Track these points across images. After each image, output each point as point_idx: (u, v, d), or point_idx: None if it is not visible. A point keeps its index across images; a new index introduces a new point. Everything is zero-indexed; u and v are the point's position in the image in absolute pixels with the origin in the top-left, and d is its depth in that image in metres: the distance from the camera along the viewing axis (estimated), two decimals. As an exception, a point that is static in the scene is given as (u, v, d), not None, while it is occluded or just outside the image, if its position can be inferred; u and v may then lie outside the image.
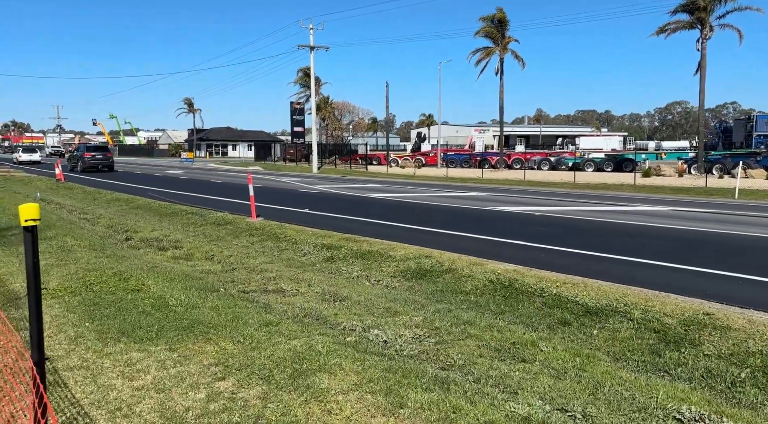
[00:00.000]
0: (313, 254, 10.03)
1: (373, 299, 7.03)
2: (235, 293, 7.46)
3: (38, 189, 26.36)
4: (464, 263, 8.11)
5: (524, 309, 6.29)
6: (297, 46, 45.66)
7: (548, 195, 21.98)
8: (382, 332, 5.61)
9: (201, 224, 14.23)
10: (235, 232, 12.95)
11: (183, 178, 32.67)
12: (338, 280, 8.26)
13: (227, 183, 28.76)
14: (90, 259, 9.35)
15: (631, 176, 30.72)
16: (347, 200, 19.34)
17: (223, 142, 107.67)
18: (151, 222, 15.22)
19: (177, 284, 7.51)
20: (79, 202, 20.97)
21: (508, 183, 29.62)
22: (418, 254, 8.91)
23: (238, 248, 11.22)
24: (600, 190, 25.41)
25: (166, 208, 17.41)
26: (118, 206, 18.82)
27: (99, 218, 16.36)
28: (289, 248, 10.79)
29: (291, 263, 9.51)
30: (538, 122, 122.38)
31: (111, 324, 5.67)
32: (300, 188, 24.71)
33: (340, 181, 30.91)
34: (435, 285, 7.52)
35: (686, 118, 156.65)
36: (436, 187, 26.87)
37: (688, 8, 28.97)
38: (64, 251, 9.98)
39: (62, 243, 10.80)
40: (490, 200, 19.12)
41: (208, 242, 12.02)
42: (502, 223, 13.80)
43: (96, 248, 10.52)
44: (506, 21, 39.37)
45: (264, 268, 9.09)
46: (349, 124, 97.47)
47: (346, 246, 10.06)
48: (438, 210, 16.63)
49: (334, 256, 9.67)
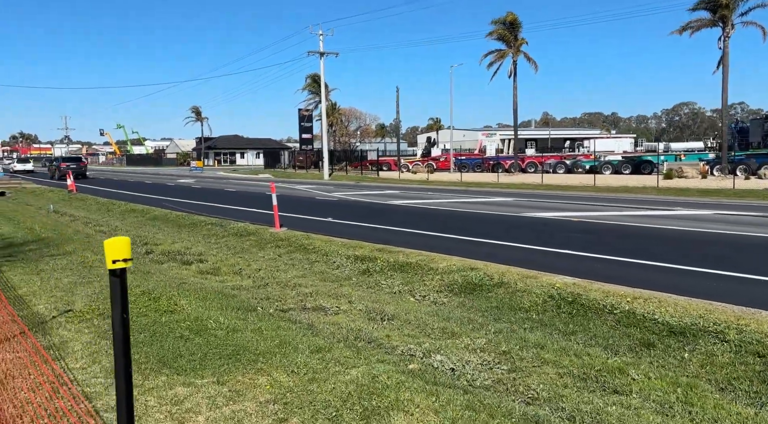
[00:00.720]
0: (346, 267, 9.51)
1: (424, 317, 6.50)
2: (273, 311, 6.95)
3: (50, 201, 26.00)
4: (515, 275, 7.57)
5: (596, 328, 5.74)
6: (307, 53, 45.47)
7: (575, 199, 21.40)
8: (446, 358, 5.08)
9: (222, 235, 13.75)
10: (260, 243, 12.45)
11: (196, 188, 32.28)
12: (380, 295, 7.74)
13: (242, 192, 28.33)
14: None
15: (652, 179, 30.08)
16: (369, 208, 18.82)
17: (231, 150, 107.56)
18: (170, 234, 14.76)
19: (211, 303, 7.01)
20: (94, 213, 20.56)
21: (527, 187, 29.05)
22: (461, 266, 8.38)
23: (266, 260, 10.72)
24: (623, 193, 24.80)
25: (183, 218, 16.95)
26: (134, 218, 18.39)
27: (116, 230, 15.91)
28: (320, 260, 10.27)
29: (325, 277, 9.00)
30: (547, 125, 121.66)
31: (149, 352, 5.16)
32: (317, 196, 24.22)
33: (355, 188, 30.41)
34: (488, 301, 6.98)
35: (693, 120, 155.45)
36: (455, 192, 26.33)
37: (710, 5, 28.36)
38: (86, 268, 9.51)
39: (83, 258, 10.33)
40: (519, 206, 18.52)
41: (233, 254, 11.53)
42: (541, 230, 13.20)
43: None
44: (518, 23, 38.90)
45: (297, 283, 8.58)
46: (357, 131, 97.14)
47: (381, 258, 9.53)
48: (467, 217, 16.06)
49: (369, 268, 9.14)
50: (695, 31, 29.79)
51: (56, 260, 10.24)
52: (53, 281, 8.47)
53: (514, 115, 41.19)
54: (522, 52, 39.28)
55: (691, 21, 29.96)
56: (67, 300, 7.25)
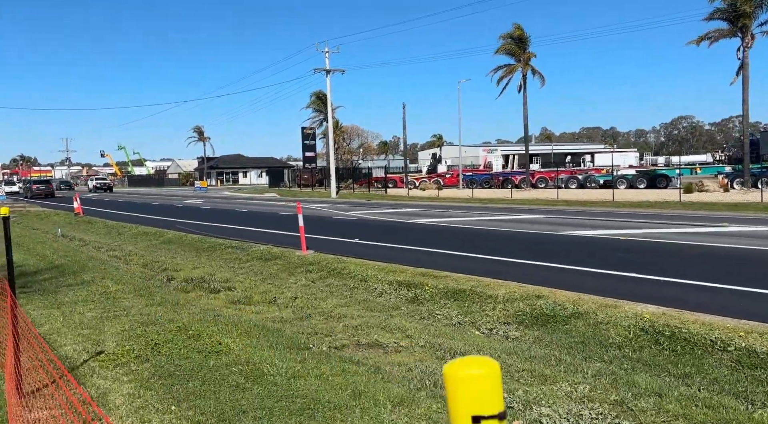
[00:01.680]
0: (391, 294, 8.78)
1: (501, 355, 5.76)
2: (326, 349, 6.22)
3: (57, 224, 25.28)
4: (591, 304, 6.85)
5: (714, 370, 5.01)
6: (313, 70, 44.93)
7: (604, 215, 20.66)
8: (552, 411, 4.34)
9: (246, 260, 13.03)
10: (288, 267, 11.73)
11: (205, 208, 31.60)
12: (439, 328, 7.00)
13: (254, 212, 27.63)
14: (141, 308, 8.15)
15: (671, 193, 29.44)
16: (392, 227, 18.08)
17: (233, 169, 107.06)
18: (189, 258, 14.05)
19: (258, 340, 6.28)
20: (103, 237, 19.86)
21: (545, 203, 28.36)
22: (524, 293, 7.65)
23: (299, 287, 9.99)
24: (646, 208, 24.12)
25: (200, 241, 16.24)
26: (147, 241, 17.67)
27: (130, 255, 15.20)
28: (359, 286, 9.54)
29: (370, 306, 8.26)
30: (550, 140, 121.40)
31: (205, 408, 4.43)
32: (334, 215, 23.52)
33: (369, 206, 29.73)
34: (569, 336, 6.25)
35: (692, 133, 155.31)
36: (474, 209, 25.61)
37: (729, 15, 27.87)
38: (108, 299, 8.79)
39: (103, 288, 9.61)
40: (552, 223, 17.69)
41: (261, 280, 10.80)
42: (590, 250, 12.37)
43: (142, 293, 9.32)
44: (526, 37, 38.51)
45: (342, 313, 7.85)
46: (359, 148, 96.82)
47: (428, 284, 8.81)
48: (502, 237, 15.22)
49: (418, 296, 8.41)
50: (714, 42, 29.34)
51: (75, 290, 9.52)
52: (76, 315, 7.75)
53: (525, 130, 40.71)
54: (530, 66, 38.85)
55: (709, 31, 29.53)
56: (96, 339, 6.53)
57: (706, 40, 29.44)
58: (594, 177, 39.40)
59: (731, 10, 27.50)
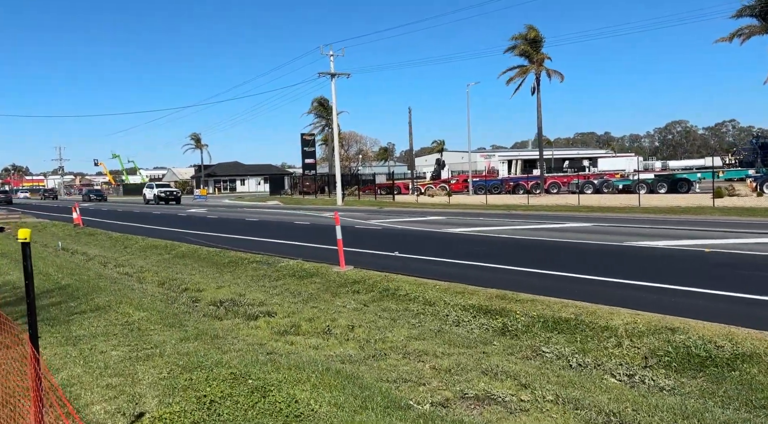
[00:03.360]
0: (471, 323, 7.37)
1: (677, 420, 4.34)
2: (430, 409, 4.81)
3: (56, 236, 23.81)
4: (753, 342, 5.45)
5: None
6: (318, 74, 43.58)
7: (654, 223, 19.29)
8: None
9: (276, 277, 11.60)
10: (329, 287, 10.32)
11: (212, 218, 30.10)
12: (559, 373, 5.59)
13: (267, 221, 26.14)
14: (175, 344, 6.73)
15: (698, 198, 28.22)
16: (427, 238, 16.59)
17: (231, 177, 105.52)
18: (210, 275, 12.61)
19: (340, 394, 4.88)
20: (109, 250, 18.39)
21: (569, 209, 27.05)
22: (648, 325, 6.26)
23: (351, 312, 8.57)
24: (683, 214, 22.82)
25: (218, 255, 14.79)
26: (158, 256, 16.21)
27: (143, 271, 13.75)
28: (425, 311, 8.13)
29: (451, 339, 6.84)
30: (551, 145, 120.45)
31: None
32: (356, 225, 22.06)
33: (386, 214, 28.32)
34: (750, 389, 4.85)
35: (686, 138, 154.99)
36: (502, 217, 24.15)
37: (761, 12, 26.71)
38: (133, 331, 7.35)
39: (124, 316, 8.17)
40: (608, 232, 15.91)
41: (302, 303, 9.38)
42: (683, 266, 10.61)
43: (171, 322, 7.90)
44: (540, 38, 37.28)
45: (420, 349, 6.44)
46: (358, 154, 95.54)
47: (514, 310, 7.41)
48: (563, 249, 13.25)
49: (508, 327, 7.01)
50: (746, 39, 28.20)
51: (91, 319, 8.08)
52: (99, 356, 6.31)
53: (539, 133, 39.42)
54: (544, 68, 37.62)
55: (742, 28, 28.40)
56: (131, 394, 5.10)
57: (737, 36, 28.33)
58: (612, 182, 38.17)
59: (763, 6, 26.36)
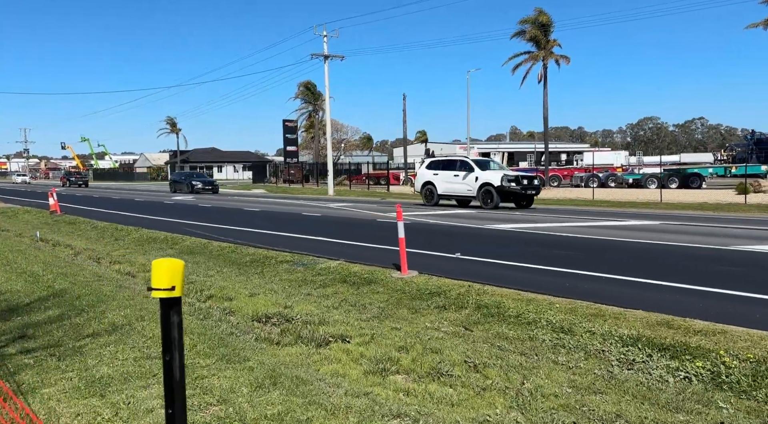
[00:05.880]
0: (651, 367, 5.38)
1: None
2: None
3: (31, 224, 21.27)
4: None
5: None
6: (310, 56, 41.19)
7: (710, 221, 17.64)
8: None
9: (320, 283, 9.51)
10: (400, 299, 8.28)
11: (205, 207, 27.66)
12: None
13: (269, 212, 23.82)
14: (250, 395, 4.70)
15: (724, 194, 26.79)
16: (477, 236, 14.37)
17: (207, 164, 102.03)
18: (234, 278, 10.46)
19: None
20: (96, 243, 16.03)
21: (589, 204, 25.35)
22: None
23: (453, 339, 6.54)
24: (718, 211, 21.27)
25: (234, 252, 12.63)
26: (159, 250, 13.94)
27: (147, 271, 11.54)
28: (564, 343, 6.13)
29: (644, 395, 4.86)
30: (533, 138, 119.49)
31: None
32: (378, 218, 19.95)
33: (393, 206, 26.27)
34: None
35: (658, 134, 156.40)
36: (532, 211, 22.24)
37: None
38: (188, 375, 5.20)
39: (155, 342, 6.03)
40: (687, 233, 13.90)
41: (375, 321, 7.35)
42: None
43: (223, 354, 5.84)
44: (551, 23, 35.41)
45: (615, 413, 4.48)
46: (341, 143, 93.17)
47: (705, 346, 5.49)
48: (660, 252, 10.85)
49: (721, 376, 5.04)
50: None
51: (111, 346, 5.94)
52: (144, 417, 4.23)
53: (545, 124, 37.71)
54: (554, 55, 35.84)
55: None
56: None
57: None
58: (622, 176, 36.71)
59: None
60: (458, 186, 24.01)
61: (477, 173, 23.34)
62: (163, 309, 1.43)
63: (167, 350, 1.48)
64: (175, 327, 1.41)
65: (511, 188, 22.62)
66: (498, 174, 23.08)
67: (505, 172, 24.39)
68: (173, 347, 1.45)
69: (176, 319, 1.39)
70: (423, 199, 25.77)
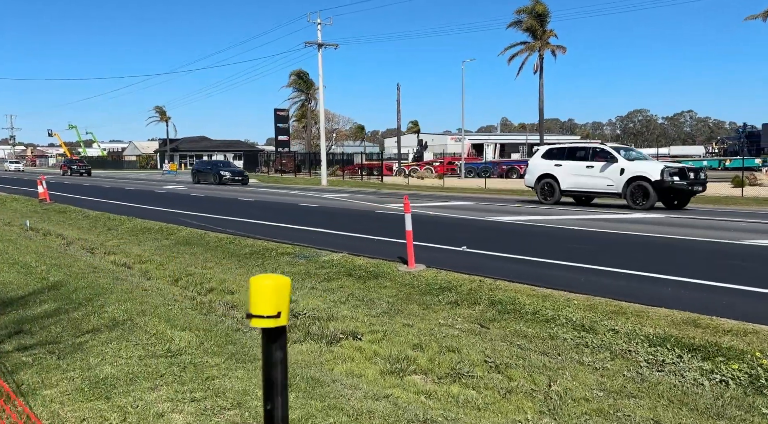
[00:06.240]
0: (682, 368, 5.16)
1: None
2: None
3: (19, 213, 20.82)
4: None
5: None
6: (304, 44, 40.65)
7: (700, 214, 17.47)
8: None
9: (326, 277, 9.23)
10: (409, 294, 8.03)
11: (197, 196, 27.25)
12: None
13: (264, 202, 23.45)
14: None
15: (718, 187, 26.71)
16: (483, 229, 14.00)
17: (197, 153, 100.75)
18: (234, 270, 10.19)
19: None
20: (88, 232, 15.68)
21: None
22: None
23: (470, 336, 6.31)
24: (711, 204, 21.20)
25: (232, 243, 12.31)
26: (155, 241, 13.60)
27: (143, 262, 11.27)
28: (587, 342, 5.90)
29: (679, 398, 4.65)
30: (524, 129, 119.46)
31: None
32: (376, 209, 19.66)
33: (393, 197, 26.00)
34: None
35: (647, 127, 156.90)
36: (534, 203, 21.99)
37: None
38: (185, 369, 4.95)
39: (159, 339, 5.76)
40: (695, 227, 13.62)
41: (385, 317, 7.11)
42: None
43: (232, 352, 5.57)
44: (547, 13, 35.13)
45: (653, 419, 4.26)
46: (332, 133, 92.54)
47: (738, 347, 5.27)
48: (678, 247, 10.75)
49: (760, 379, 4.83)
50: None
51: (113, 343, 5.63)
52: (154, 421, 3.95)
53: (540, 115, 37.48)
54: (550, 45, 35.58)
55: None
56: None
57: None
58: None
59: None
60: (593, 180, 19.26)
61: (622, 164, 18.56)
62: (265, 342, 1.12)
63: (269, 397, 1.16)
64: (278, 366, 1.09)
65: (675, 184, 17.89)
66: (655, 166, 18.60)
67: (665, 163, 20.21)
68: (275, 392, 1.13)
69: (280, 355, 1.08)
70: (538, 195, 21.24)
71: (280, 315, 1.04)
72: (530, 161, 22.60)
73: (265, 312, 1.04)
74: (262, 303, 1.03)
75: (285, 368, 1.12)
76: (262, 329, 1.11)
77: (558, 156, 20.99)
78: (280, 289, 1.03)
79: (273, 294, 1.03)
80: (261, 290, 1.03)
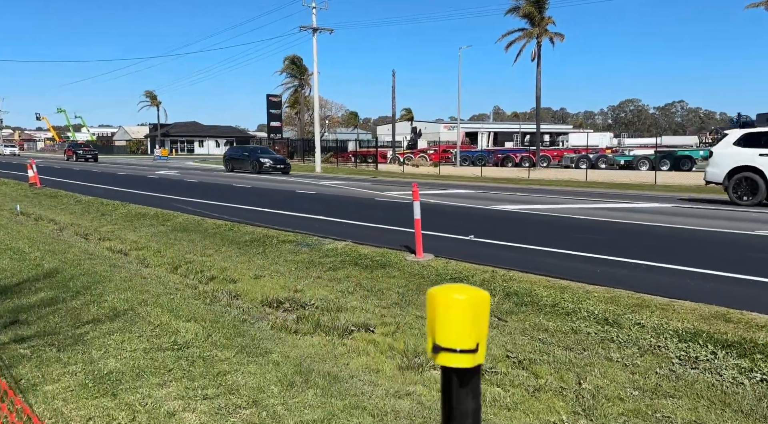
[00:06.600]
0: (718, 366, 4.91)
1: None
2: None
3: (9, 197, 20.34)
4: None
5: None
6: (299, 28, 40.03)
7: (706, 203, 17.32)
8: None
9: (331, 266, 8.95)
10: (419, 284, 7.78)
11: (191, 182, 26.83)
12: None
13: (261, 188, 23.07)
14: (282, 395, 4.20)
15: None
16: (487, 218, 13.73)
17: (189, 138, 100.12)
18: (235, 258, 9.88)
19: None
20: (81, 218, 15.28)
21: (583, 185, 24.99)
22: None
23: (492, 331, 6.03)
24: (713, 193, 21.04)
25: (231, 230, 12.00)
26: (150, 227, 13.26)
27: (139, 249, 10.92)
28: (612, 337, 5.67)
29: (720, 399, 4.41)
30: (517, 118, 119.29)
31: None
32: (376, 197, 19.36)
33: (387, 184, 25.71)
34: None
35: (639, 117, 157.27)
36: (532, 192, 21.83)
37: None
38: (194, 363, 4.67)
39: (164, 331, 5.47)
40: (702, 217, 13.28)
41: (396, 308, 6.87)
42: None
43: (243, 345, 5.29)
44: (545, 0, 34.73)
45: (694, 421, 4.02)
46: (325, 119, 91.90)
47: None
48: (688, 238, 10.65)
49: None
50: None
51: (115, 335, 5.33)
52: (165, 420, 3.68)
53: (537, 103, 37.19)
54: (548, 32, 35.22)
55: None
56: None
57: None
58: (614, 157, 36.46)
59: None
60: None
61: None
62: (453, 385, 0.79)
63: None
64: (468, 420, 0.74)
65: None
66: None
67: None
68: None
69: (472, 405, 0.72)
70: (730, 194, 16.16)
71: (478, 349, 0.69)
72: (715, 150, 17.30)
73: (459, 344, 0.70)
74: (455, 330, 0.68)
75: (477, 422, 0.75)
76: (446, 368, 0.76)
77: (764, 142, 15.67)
78: (479, 309, 0.68)
79: (472, 317, 0.68)
80: (454, 309, 0.67)
